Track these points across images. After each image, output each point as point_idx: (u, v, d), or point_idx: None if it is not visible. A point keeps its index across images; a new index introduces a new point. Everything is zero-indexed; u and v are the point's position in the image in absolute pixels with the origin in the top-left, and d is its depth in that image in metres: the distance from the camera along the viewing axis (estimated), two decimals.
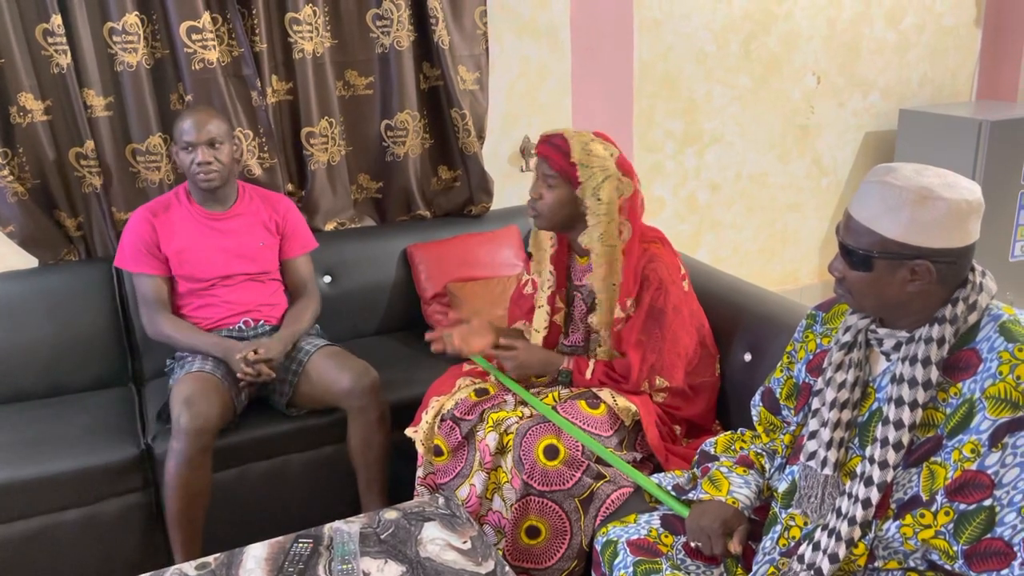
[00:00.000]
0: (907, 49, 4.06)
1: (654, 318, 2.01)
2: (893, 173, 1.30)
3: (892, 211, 1.28)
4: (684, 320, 2.05)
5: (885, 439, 1.34)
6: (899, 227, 1.28)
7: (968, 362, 1.30)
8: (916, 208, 1.26)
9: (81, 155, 2.61)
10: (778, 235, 4.09)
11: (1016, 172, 3.74)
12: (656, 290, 2.01)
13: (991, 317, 1.31)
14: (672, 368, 2.02)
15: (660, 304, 2.01)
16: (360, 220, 3.07)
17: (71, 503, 2.24)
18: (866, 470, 1.36)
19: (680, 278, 2.07)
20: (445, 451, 2.08)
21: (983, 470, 1.25)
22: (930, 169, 1.31)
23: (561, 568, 1.90)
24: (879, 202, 1.29)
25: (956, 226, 1.27)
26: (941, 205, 1.26)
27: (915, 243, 1.28)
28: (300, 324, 2.50)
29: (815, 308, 1.63)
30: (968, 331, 1.32)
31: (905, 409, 1.32)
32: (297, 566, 1.68)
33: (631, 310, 2.03)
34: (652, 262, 2.03)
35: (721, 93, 3.73)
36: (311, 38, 2.78)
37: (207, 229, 2.48)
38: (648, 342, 2.01)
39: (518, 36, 3.23)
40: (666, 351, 2.02)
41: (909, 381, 1.32)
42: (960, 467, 1.27)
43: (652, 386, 2.03)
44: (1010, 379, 1.24)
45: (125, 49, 2.57)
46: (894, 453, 1.33)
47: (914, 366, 1.32)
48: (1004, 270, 3.89)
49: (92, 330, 2.62)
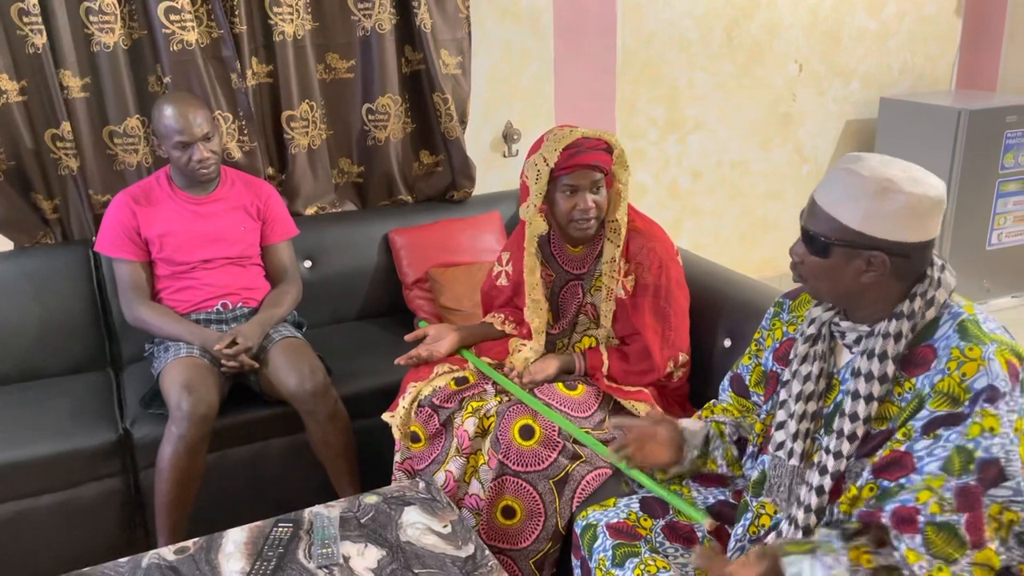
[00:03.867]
0: (888, 38, 4.08)
1: (661, 296, 2.05)
2: (860, 162, 1.31)
3: (853, 199, 1.29)
4: (687, 293, 2.13)
5: (841, 431, 1.37)
6: (858, 216, 1.28)
7: (924, 358, 1.31)
8: (875, 199, 1.27)
9: (57, 137, 2.57)
10: (759, 222, 4.11)
11: (994, 161, 3.77)
12: (658, 269, 2.05)
13: (951, 315, 1.32)
14: (685, 341, 2.10)
15: (664, 282, 2.05)
16: (341, 205, 3.05)
17: (48, 488, 2.22)
18: (822, 459, 1.39)
19: (676, 254, 2.14)
20: (422, 438, 2.08)
21: (910, 452, 1.28)
22: (899, 162, 1.31)
23: (536, 549, 1.91)
24: (842, 189, 1.30)
25: (914, 220, 1.28)
26: (900, 198, 1.26)
27: (872, 233, 1.28)
28: (278, 309, 2.48)
29: (783, 296, 1.64)
30: (927, 327, 1.33)
31: (861, 402, 1.34)
32: (277, 550, 1.68)
33: (630, 284, 2.06)
34: (650, 241, 2.06)
35: (703, 80, 3.74)
36: (291, 20, 2.75)
37: (189, 213, 2.46)
38: (662, 323, 2.06)
39: (500, 20, 3.22)
40: (679, 326, 2.08)
41: (866, 375, 1.34)
42: (890, 447, 1.31)
43: (676, 363, 2.08)
44: (956, 375, 1.25)
45: (102, 29, 2.54)
46: (848, 444, 1.35)
47: (871, 360, 1.34)
48: (982, 258, 3.94)
49: (69, 314, 2.60)
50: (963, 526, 1.21)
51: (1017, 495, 1.21)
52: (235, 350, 2.28)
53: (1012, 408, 1.22)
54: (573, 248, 2.16)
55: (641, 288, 2.05)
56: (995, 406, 1.22)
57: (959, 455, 1.23)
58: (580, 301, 2.17)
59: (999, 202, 3.86)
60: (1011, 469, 1.21)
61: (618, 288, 2.07)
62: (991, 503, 1.21)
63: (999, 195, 3.84)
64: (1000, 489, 1.21)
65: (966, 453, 1.23)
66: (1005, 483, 1.21)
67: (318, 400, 2.28)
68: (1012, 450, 1.22)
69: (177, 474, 2.16)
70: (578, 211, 2.00)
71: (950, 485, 1.23)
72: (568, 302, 2.19)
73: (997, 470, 1.21)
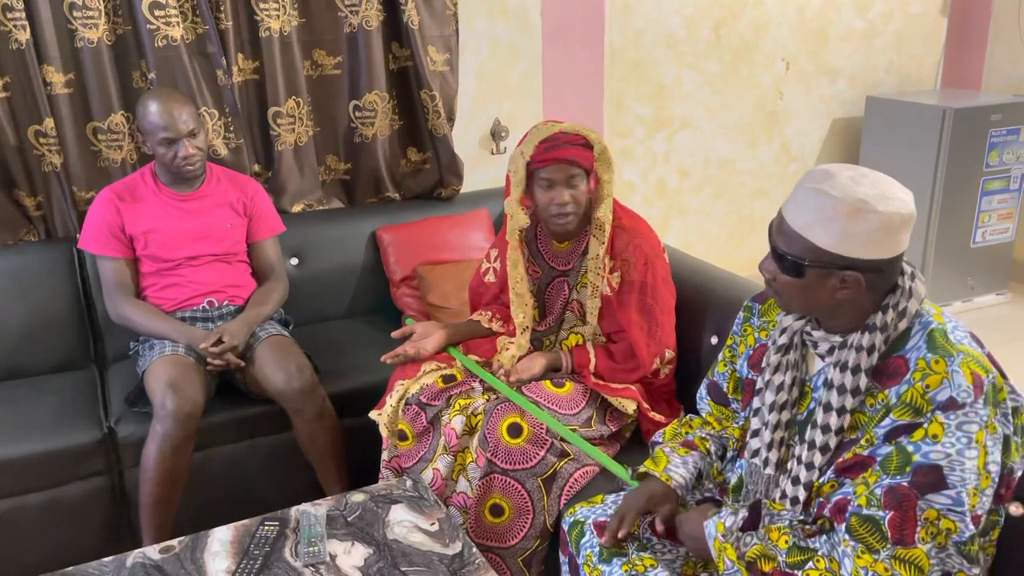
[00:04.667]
0: (874, 37, 4.10)
1: (647, 293, 2.05)
2: (830, 181, 1.29)
3: (826, 221, 1.28)
4: (673, 290, 2.13)
5: (813, 442, 1.38)
6: (831, 237, 1.28)
7: (896, 369, 1.31)
8: (849, 220, 1.26)
9: (41, 133, 2.55)
10: (746, 221, 4.12)
11: (979, 159, 3.80)
12: (644, 265, 2.05)
13: (921, 325, 1.33)
14: (671, 337, 2.10)
15: (650, 279, 2.05)
16: (328, 202, 3.04)
17: (32, 487, 2.21)
18: (793, 469, 1.40)
19: (662, 251, 2.13)
20: (410, 436, 2.07)
21: (873, 456, 1.30)
22: (867, 176, 1.30)
23: (525, 547, 1.91)
24: (813, 211, 1.29)
25: (887, 238, 1.28)
26: (874, 218, 1.26)
27: (846, 253, 1.28)
28: (264, 307, 2.47)
29: (751, 300, 1.64)
30: (899, 338, 1.34)
31: (833, 415, 1.36)
32: (263, 549, 1.67)
33: (616, 281, 2.06)
34: (636, 238, 2.06)
35: (691, 78, 3.74)
36: (278, 16, 2.73)
37: (174, 210, 2.44)
38: (648, 319, 2.05)
39: (488, 17, 3.21)
40: (665, 323, 2.08)
41: (839, 388, 1.35)
42: (853, 451, 1.33)
43: (663, 359, 2.07)
44: (919, 386, 1.26)
45: (86, 24, 2.51)
46: (820, 455, 1.37)
47: (844, 373, 1.34)
48: (966, 256, 3.96)
49: (53, 312, 2.57)
50: (886, 522, 1.24)
51: (957, 505, 1.22)
52: (221, 348, 2.27)
53: (971, 420, 1.23)
54: (559, 244, 2.16)
55: (627, 284, 2.05)
56: (947, 415, 1.23)
57: (898, 456, 1.26)
58: (566, 298, 2.17)
59: (983, 200, 3.88)
60: (953, 478, 1.22)
61: (604, 285, 2.07)
62: (928, 507, 1.23)
63: (983, 193, 3.87)
64: (939, 496, 1.23)
65: (904, 455, 1.25)
66: (945, 491, 1.22)
67: (305, 398, 2.27)
68: (958, 460, 1.22)
69: (162, 473, 2.15)
70: (554, 205, 2.01)
71: (883, 483, 1.26)
72: (554, 299, 2.19)
73: (936, 476, 1.22)
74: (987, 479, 1.23)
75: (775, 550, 1.36)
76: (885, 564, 1.24)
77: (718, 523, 1.44)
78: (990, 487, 1.24)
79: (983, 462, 1.23)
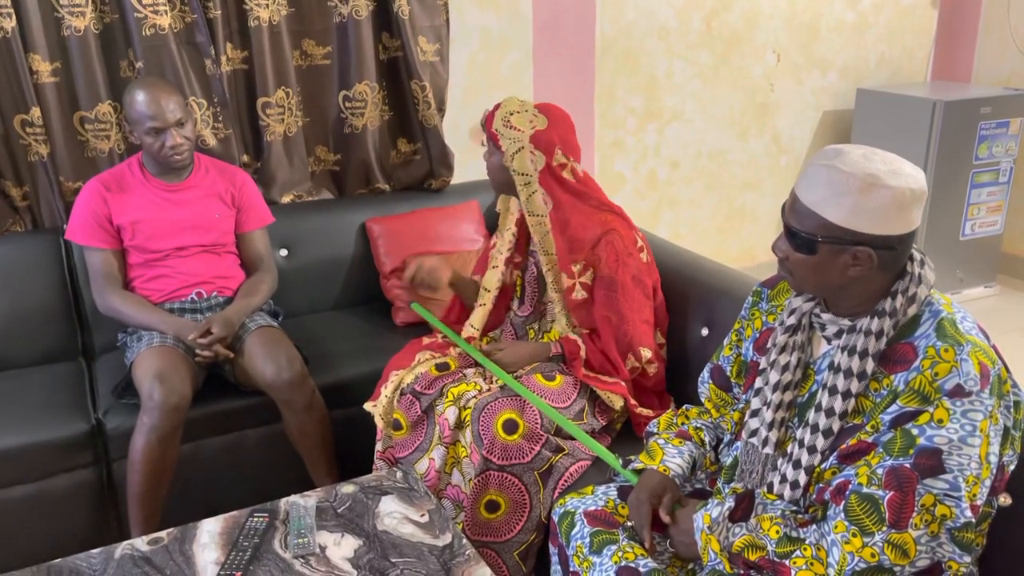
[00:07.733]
0: (865, 29, 4.10)
1: (615, 289, 2.02)
2: (841, 157, 1.31)
3: (838, 196, 1.29)
4: (648, 289, 2.09)
5: (816, 425, 1.38)
6: (843, 212, 1.29)
7: (904, 356, 1.32)
8: (861, 195, 1.27)
9: (27, 122, 2.52)
10: (736, 213, 4.12)
11: (968, 152, 3.81)
12: (615, 262, 2.02)
13: (931, 313, 1.33)
14: (644, 337, 2.05)
15: (620, 276, 2.02)
16: (317, 193, 3.03)
17: (19, 479, 2.19)
18: (794, 452, 1.40)
19: (637, 250, 2.08)
20: (404, 425, 2.07)
21: (876, 443, 1.30)
22: (878, 154, 1.32)
23: (520, 541, 1.91)
24: (825, 186, 1.30)
25: (899, 214, 1.28)
26: (886, 193, 1.27)
27: (858, 229, 1.29)
28: (253, 298, 2.46)
29: (760, 284, 1.65)
30: (908, 324, 1.34)
31: (838, 398, 1.36)
32: (252, 540, 1.66)
33: (581, 279, 2.04)
34: (608, 234, 2.04)
35: (682, 69, 3.74)
36: (267, 5, 2.71)
37: (162, 200, 2.42)
38: (616, 315, 2.03)
39: (479, 8, 3.19)
40: (636, 321, 2.04)
41: (845, 371, 1.35)
42: (858, 437, 1.33)
43: (639, 358, 2.04)
44: (928, 374, 1.27)
45: (72, 13, 2.49)
46: (823, 439, 1.37)
47: (851, 357, 1.34)
48: (956, 248, 3.98)
49: (40, 303, 2.55)
50: (885, 502, 1.24)
51: (953, 490, 1.23)
52: (209, 339, 2.25)
53: (976, 408, 1.23)
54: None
55: (598, 280, 2.04)
56: (953, 402, 1.24)
57: (902, 438, 1.26)
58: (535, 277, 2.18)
59: (973, 192, 3.90)
60: (951, 463, 1.23)
61: (578, 290, 2.05)
62: (925, 492, 1.23)
63: (973, 186, 3.88)
64: (937, 481, 1.23)
65: (909, 437, 1.26)
66: (943, 476, 1.23)
67: (295, 390, 2.26)
68: (958, 447, 1.23)
69: (150, 465, 2.14)
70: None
71: (885, 463, 1.26)
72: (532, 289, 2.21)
73: (936, 461, 1.23)
74: (987, 469, 1.24)
75: (765, 539, 1.36)
76: (873, 549, 1.25)
77: (705, 515, 1.44)
78: (990, 477, 1.25)
79: (985, 452, 1.24)
